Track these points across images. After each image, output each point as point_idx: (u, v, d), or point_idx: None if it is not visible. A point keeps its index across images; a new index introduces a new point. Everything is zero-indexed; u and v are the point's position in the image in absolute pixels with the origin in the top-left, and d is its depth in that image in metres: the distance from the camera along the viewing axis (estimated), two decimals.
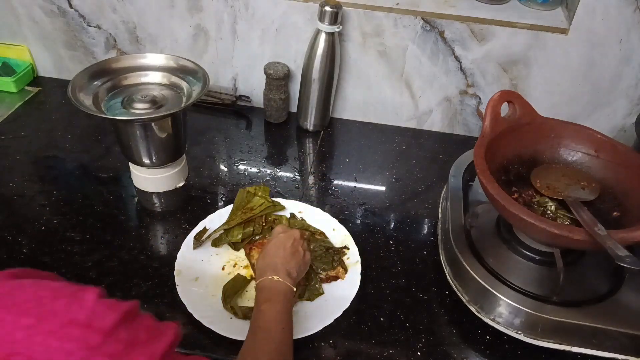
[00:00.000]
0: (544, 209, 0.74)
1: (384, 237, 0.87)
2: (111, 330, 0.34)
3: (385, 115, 1.13)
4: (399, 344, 0.71)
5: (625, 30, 0.92)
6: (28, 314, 0.32)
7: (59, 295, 0.34)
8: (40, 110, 1.11)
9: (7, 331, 0.31)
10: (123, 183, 0.94)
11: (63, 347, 0.31)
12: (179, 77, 0.88)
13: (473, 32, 0.97)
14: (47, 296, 0.34)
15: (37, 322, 0.32)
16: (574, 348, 0.69)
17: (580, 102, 1.04)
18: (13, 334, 0.31)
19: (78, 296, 0.35)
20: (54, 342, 0.31)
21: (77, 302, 0.34)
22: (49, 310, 0.33)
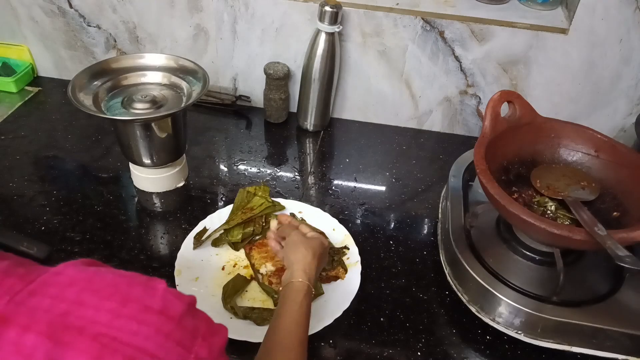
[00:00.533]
0: (544, 209, 0.74)
1: (384, 237, 0.87)
2: (180, 318, 0.36)
3: (385, 115, 1.13)
4: (399, 344, 0.71)
5: (625, 30, 0.92)
6: (110, 299, 0.34)
7: (133, 282, 0.36)
8: (40, 110, 1.11)
9: (93, 314, 0.33)
10: (123, 183, 0.94)
11: (142, 331, 0.33)
12: (179, 77, 0.88)
13: (473, 32, 0.97)
14: (124, 282, 0.36)
15: (119, 307, 0.34)
16: (574, 348, 0.69)
17: (580, 102, 1.04)
18: (98, 316, 0.32)
19: (150, 285, 0.37)
20: (134, 326, 0.33)
21: (150, 290, 0.36)
22: (127, 296, 0.35)
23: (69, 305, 0.32)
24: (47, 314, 0.31)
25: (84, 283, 0.35)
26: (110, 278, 0.36)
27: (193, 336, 0.36)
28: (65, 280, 0.34)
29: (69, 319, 0.32)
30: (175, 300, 0.36)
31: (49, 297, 0.32)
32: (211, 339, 0.37)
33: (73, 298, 0.33)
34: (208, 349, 0.36)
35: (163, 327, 0.34)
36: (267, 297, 0.75)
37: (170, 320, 0.35)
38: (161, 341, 0.33)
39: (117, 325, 0.33)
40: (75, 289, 0.34)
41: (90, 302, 0.33)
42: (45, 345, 0.30)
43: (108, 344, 0.31)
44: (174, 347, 0.34)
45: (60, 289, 0.33)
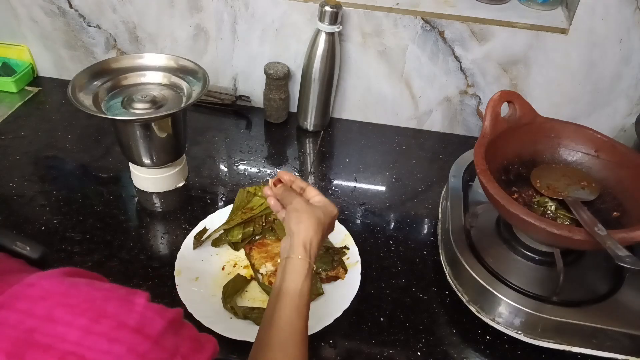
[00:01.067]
0: (544, 209, 0.74)
1: (384, 237, 0.87)
2: (158, 337, 0.34)
3: (385, 115, 1.13)
4: (399, 344, 0.71)
5: (625, 30, 0.92)
6: (83, 314, 0.32)
7: (111, 297, 0.34)
8: (40, 110, 1.11)
9: (63, 331, 0.31)
10: (123, 183, 0.94)
11: (113, 350, 0.31)
12: (179, 77, 0.88)
13: (473, 32, 0.97)
14: (99, 297, 0.34)
15: (91, 323, 0.32)
16: (574, 348, 0.69)
17: (580, 102, 1.04)
18: (68, 334, 0.31)
19: (129, 299, 0.35)
20: (105, 345, 0.31)
21: (128, 306, 0.34)
22: (101, 312, 0.33)
23: (38, 321, 0.31)
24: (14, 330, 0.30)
25: (58, 297, 0.33)
26: (86, 292, 0.34)
27: (172, 355, 0.34)
28: (37, 294, 0.33)
29: (36, 336, 0.30)
30: (155, 317, 0.34)
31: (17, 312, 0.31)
32: (193, 357, 0.36)
33: (43, 313, 0.31)
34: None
35: (138, 347, 0.32)
36: (267, 297, 0.74)
37: (147, 340, 0.33)
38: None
39: (86, 344, 0.31)
40: (47, 304, 0.32)
41: (61, 318, 0.32)
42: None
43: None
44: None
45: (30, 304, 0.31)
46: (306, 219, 0.60)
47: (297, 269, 0.57)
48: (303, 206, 0.62)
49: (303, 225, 0.60)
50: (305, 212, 0.61)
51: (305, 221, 0.60)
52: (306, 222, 0.60)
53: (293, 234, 0.60)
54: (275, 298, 0.55)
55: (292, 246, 0.59)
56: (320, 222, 0.61)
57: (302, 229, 0.59)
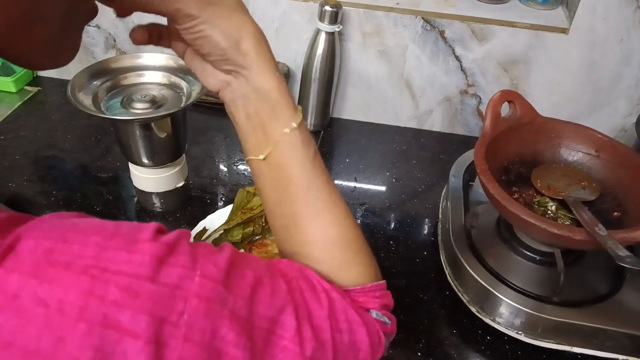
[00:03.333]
0: (544, 209, 0.74)
1: (384, 237, 0.87)
2: (174, 244, 0.33)
3: (385, 115, 1.13)
4: (399, 344, 0.71)
5: (625, 30, 0.92)
6: (96, 234, 0.32)
7: (121, 225, 0.34)
8: (40, 110, 1.11)
9: (79, 248, 0.31)
10: (123, 183, 0.94)
11: (134, 258, 0.31)
12: (179, 76, 0.88)
13: (473, 32, 0.97)
14: (109, 224, 0.34)
15: (105, 241, 0.32)
16: (574, 348, 0.68)
17: (580, 102, 1.04)
18: (84, 250, 0.31)
19: (138, 225, 0.35)
20: (124, 255, 0.31)
21: (138, 228, 0.34)
22: (113, 232, 0.33)
23: (53, 242, 0.31)
24: (32, 253, 0.30)
25: (69, 225, 0.33)
26: (96, 221, 0.35)
27: (193, 258, 0.33)
28: (49, 222, 0.33)
29: (54, 255, 0.30)
30: (167, 234, 0.35)
31: (33, 239, 0.31)
32: (213, 255, 0.35)
33: (57, 236, 0.31)
34: (214, 264, 0.34)
35: (158, 252, 0.32)
36: None
37: (164, 246, 0.33)
38: (157, 265, 0.31)
39: (105, 257, 0.31)
40: (60, 230, 0.32)
41: (75, 238, 0.32)
42: (31, 283, 0.29)
43: (98, 276, 0.30)
44: (172, 269, 0.32)
45: (44, 231, 0.32)
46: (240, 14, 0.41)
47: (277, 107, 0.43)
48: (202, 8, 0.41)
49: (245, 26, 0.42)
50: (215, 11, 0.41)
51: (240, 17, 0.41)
52: (242, 18, 0.41)
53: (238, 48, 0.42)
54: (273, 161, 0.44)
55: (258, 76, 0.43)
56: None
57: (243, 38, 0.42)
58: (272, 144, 0.45)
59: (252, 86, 0.44)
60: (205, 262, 0.34)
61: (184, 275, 0.32)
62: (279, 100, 0.44)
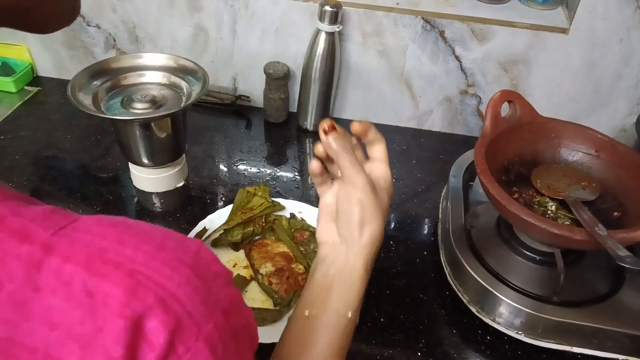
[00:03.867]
0: (544, 209, 0.74)
1: (384, 237, 0.86)
2: (207, 281, 0.35)
3: (385, 115, 1.13)
4: (399, 344, 0.71)
5: (625, 30, 0.92)
6: (148, 242, 0.34)
7: (168, 235, 0.36)
8: (40, 110, 1.11)
9: (132, 253, 0.33)
10: (123, 183, 0.94)
11: (175, 277, 0.33)
12: (179, 76, 0.88)
13: (473, 32, 0.97)
14: (159, 233, 0.36)
15: (155, 251, 0.34)
16: (574, 348, 0.68)
17: (580, 102, 1.04)
18: (136, 256, 0.33)
19: (183, 242, 0.36)
20: (168, 270, 0.33)
21: (183, 246, 0.36)
22: (163, 244, 0.35)
23: (109, 243, 0.33)
24: (88, 247, 0.32)
25: (125, 227, 0.35)
26: (149, 228, 0.36)
27: (215, 304, 0.35)
28: (107, 222, 0.35)
29: (108, 254, 0.32)
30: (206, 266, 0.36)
31: (91, 234, 0.33)
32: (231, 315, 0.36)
33: (114, 237, 0.34)
34: (225, 322, 0.35)
35: (192, 281, 0.34)
36: (267, 298, 0.74)
37: (199, 279, 0.34)
38: (190, 293, 0.33)
39: (152, 267, 0.33)
40: (117, 230, 0.34)
41: (129, 242, 0.34)
42: (82, 275, 0.31)
43: (142, 281, 0.32)
44: (199, 304, 0.33)
45: (102, 229, 0.34)
46: (372, 219, 0.47)
47: (351, 285, 0.48)
48: (369, 194, 0.46)
49: (368, 229, 0.47)
50: (372, 206, 0.46)
51: (370, 222, 0.47)
52: (372, 223, 0.47)
53: (352, 240, 0.48)
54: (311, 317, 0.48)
55: (347, 259, 0.48)
56: (386, 216, 0.48)
57: (366, 235, 0.47)
58: (322, 312, 0.48)
59: (346, 258, 0.49)
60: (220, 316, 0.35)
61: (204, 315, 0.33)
62: (354, 285, 0.49)
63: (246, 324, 0.38)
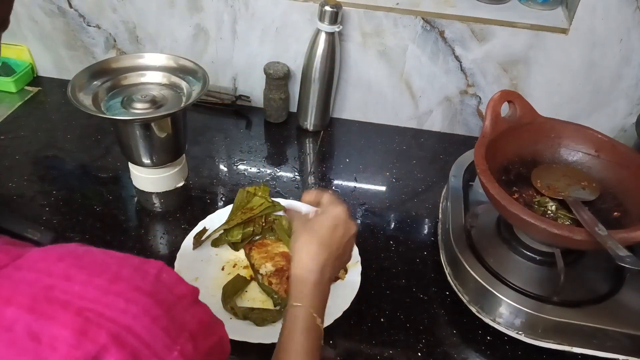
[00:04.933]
0: (544, 209, 0.74)
1: (384, 237, 0.87)
2: (169, 307, 0.34)
3: (385, 115, 1.13)
4: (399, 344, 0.71)
5: (625, 30, 0.92)
6: (99, 276, 0.33)
7: (125, 263, 0.36)
8: (40, 110, 1.11)
9: (81, 289, 0.32)
10: (123, 183, 0.94)
11: (130, 309, 0.32)
12: (179, 77, 0.88)
13: (473, 32, 0.97)
14: (114, 262, 0.35)
15: (107, 284, 0.33)
16: (574, 348, 0.68)
17: (580, 102, 1.04)
18: (85, 292, 0.32)
19: (142, 267, 0.36)
20: (122, 304, 0.32)
21: (141, 272, 0.35)
22: (117, 275, 0.34)
23: (56, 279, 0.32)
24: (31, 287, 0.31)
25: (73, 259, 0.34)
26: (101, 257, 0.35)
27: (181, 329, 0.34)
28: (53, 256, 0.34)
29: (54, 292, 0.31)
30: (167, 290, 0.35)
31: (35, 272, 0.32)
32: (199, 338, 0.36)
33: (60, 273, 0.32)
34: (193, 347, 0.35)
35: (151, 310, 0.33)
36: (267, 298, 0.74)
37: (159, 307, 0.33)
38: (148, 324, 0.32)
39: (104, 302, 0.32)
40: (64, 264, 0.33)
41: (78, 277, 0.32)
42: (26, 318, 0.29)
43: (93, 319, 0.31)
44: (159, 333, 0.33)
45: (48, 264, 0.32)
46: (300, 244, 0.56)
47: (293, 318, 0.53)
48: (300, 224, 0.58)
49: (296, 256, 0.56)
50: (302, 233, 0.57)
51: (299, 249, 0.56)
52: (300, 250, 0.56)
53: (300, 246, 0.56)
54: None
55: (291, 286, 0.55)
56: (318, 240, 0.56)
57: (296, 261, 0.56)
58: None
59: None
60: (188, 340, 0.34)
61: (166, 345, 0.33)
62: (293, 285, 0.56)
63: (218, 341, 0.38)
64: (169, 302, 0.34)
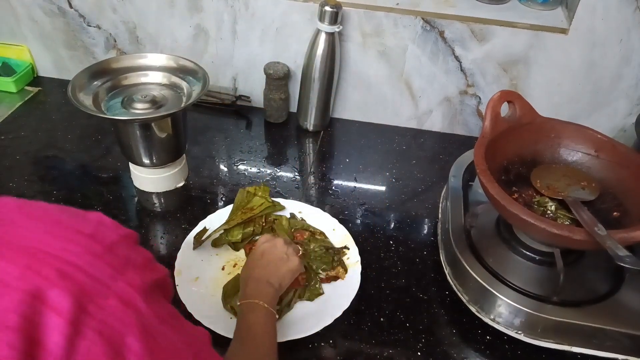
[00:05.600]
0: (544, 209, 0.74)
1: (384, 237, 0.87)
2: (111, 245, 0.37)
3: (385, 115, 1.13)
4: (399, 344, 0.71)
5: (625, 30, 0.92)
6: (42, 221, 0.36)
7: (65, 210, 0.39)
8: (40, 110, 1.11)
9: (23, 231, 0.35)
10: (123, 183, 0.94)
11: (71, 248, 0.35)
12: (179, 77, 0.88)
13: (473, 32, 0.97)
14: (55, 209, 0.38)
15: (50, 227, 0.36)
16: (574, 348, 0.69)
17: (580, 102, 1.04)
18: (28, 234, 0.35)
19: (82, 214, 0.39)
20: (64, 243, 0.35)
21: (81, 218, 0.39)
22: (57, 220, 0.37)
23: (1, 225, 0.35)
24: None
25: (16, 206, 0.37)
26: (42, 205, 0.39)
27: (126, 263, 0.37)
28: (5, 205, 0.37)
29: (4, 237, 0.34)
30: (108, 230, 0.38)
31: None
32: (146, 271, 0.38)
33: (2, 217, 0.36)
34: (141, 278, 0.37)
35: (93, 248, 0.36)
36: None
37: (100, 244, 0.36)
38: (91, 259, 0.35)
39: (46, 241, 0.34)
40: (5, 210, 0.37)
41: (20, 222, 0.36)
42: None
43: (38, 256, 0.33)
44: (104, 267, 0.35)
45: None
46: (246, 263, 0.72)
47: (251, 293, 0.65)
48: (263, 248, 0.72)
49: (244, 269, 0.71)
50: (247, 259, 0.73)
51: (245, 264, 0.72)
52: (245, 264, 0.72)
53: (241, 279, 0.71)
54: None
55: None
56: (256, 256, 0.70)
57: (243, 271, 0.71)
58: None
59: None
60: (135, 273, 0.37)
61: (111, 276, 0.35)
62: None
63: (162, 278, 0.41)
64: (112, 240, 0.37)
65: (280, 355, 0.67)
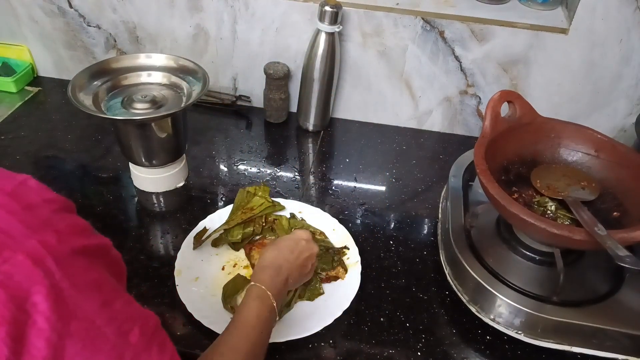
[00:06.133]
0: (544, 209, 0.74)
1: (384, 237, 0.87)
2: (30, 205, 0.38)
3: (385, 115, 1.13)
4: (399, 344, 0.71)
5: (625, 30, 0.92)
6: None
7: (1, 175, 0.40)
8: (40, 110, 1.11)
9: None
10: (123, 183, 0.94)
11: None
12: (179, 77, 0.88)
13: (473, 32, 0.97)
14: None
15: None
16: (574, 348, 0.69)
17: (580, 102, 1.04)
18: None
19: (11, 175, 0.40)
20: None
21: (7, 179, 0.39)
22: None
23: None
24: None
25: None
26: None
27: (44, 225, 0.37)
28: None
29: None
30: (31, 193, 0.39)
31: None
32: (72, 237, 0.38)
33: None
34: (58, 241, 0.37)
35: (8, 205, 0.37)
36: None
37: (17, 203, 0.37)
38: (4, 215, 0.36)
39: None
40: None
41: None
42: None
43: None
44: (17, 224, 0.36)
45: None
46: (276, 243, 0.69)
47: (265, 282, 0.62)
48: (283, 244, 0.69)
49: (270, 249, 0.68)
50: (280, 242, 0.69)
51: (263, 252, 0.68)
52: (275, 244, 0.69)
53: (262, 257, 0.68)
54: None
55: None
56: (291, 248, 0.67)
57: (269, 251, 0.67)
58: None
59: None
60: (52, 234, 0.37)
61: (23, 233, 0.36)
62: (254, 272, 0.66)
63: (99, 246, 0.41)
64: (32, 202, 0.38)
65: (280, 355, 0.67)
